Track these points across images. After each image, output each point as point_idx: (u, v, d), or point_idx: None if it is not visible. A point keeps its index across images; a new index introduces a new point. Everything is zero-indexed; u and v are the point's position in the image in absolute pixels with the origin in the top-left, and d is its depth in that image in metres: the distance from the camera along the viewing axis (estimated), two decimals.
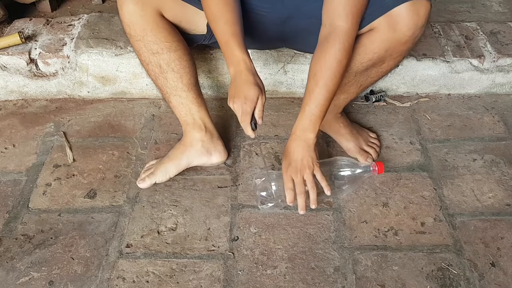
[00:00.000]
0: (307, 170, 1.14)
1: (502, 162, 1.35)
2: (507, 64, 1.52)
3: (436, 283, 1.07)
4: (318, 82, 1.09)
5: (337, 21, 1.05)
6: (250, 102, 1.05)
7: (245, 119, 1.06)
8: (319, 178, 1.15)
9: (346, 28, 1.05)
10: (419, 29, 1.07)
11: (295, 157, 1.15)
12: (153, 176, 1.27)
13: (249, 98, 1.04)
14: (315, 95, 1.10)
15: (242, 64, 1.06)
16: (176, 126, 1.45)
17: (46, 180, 1.31)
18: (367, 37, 1.11)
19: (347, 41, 1.06)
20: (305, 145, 1.15)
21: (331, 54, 1.06)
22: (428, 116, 1.51)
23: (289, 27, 1.23)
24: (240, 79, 1.06)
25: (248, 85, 1.05)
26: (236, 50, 1.06)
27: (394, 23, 1.06)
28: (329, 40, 1.06)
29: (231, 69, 1.08)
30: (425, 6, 1.05)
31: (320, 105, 1.11)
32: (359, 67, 1.16)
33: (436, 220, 1.20)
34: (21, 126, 1.48)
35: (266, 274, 1.10)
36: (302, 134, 1.15)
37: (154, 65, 1.20)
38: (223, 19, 1.07)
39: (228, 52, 1.07)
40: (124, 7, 1.13)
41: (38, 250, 1.15)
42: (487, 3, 1.80)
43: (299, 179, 1.14)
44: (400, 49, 1.12)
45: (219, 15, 1.08)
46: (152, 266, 1.11)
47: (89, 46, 1.50)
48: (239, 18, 1.10)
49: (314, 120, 1.13)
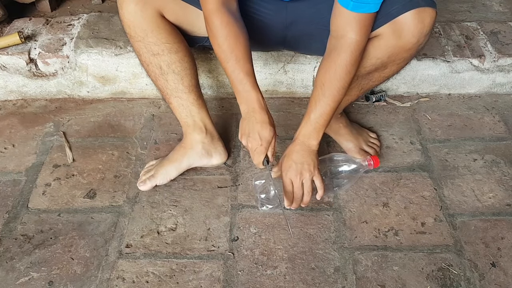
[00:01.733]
0: (307, 175, 1.14)
1: (503, 162, 1.35)
2: (508, 64, 1.52)
3: (437, 283, 1.07)
4: (325, 92, 1.10)
5: (348, 33, 1.04)
6: (266, 143, 1.11)
7: (259, 158, 1.13)
8: (318, 184, 1.16)
9: (358, 40, 1.05)
10: (423, 37, 1.07)
11: (296, 161, 1.15)
12: (154, 179, 1.27)
13: (265, 139, 1.10)
14: (321, 104, 1.11)
15: (257, 103, 1.10)
16: (176, 126, 1.45)
17: (46, 180, 1.31)
18: (371, 43, 1.11)
19: (357, 52, 1.06)
20: (307, 150, 1.15)
21: (341, 66, 1.06)
22: (429, 116, 1.51)
23: (292, 32, 1.23)
24: (255, 118, 1.10)
25: (263, 126, 1.10)
26: (251, 89, 1.09)
27: (399, 30, 1.06)
28: (340, 52, 1.06)
29: (244, 107, 1.11)
30: (431, 15, 1.05)
31: (325, 114, 1.12)
32: (362, 71, 1.16)
33: (436, 220, 1.20)
34: (21, 126, 1.48)
35: (266, 274, 1.10)
36: (305, 140, 1.15)
37: (154, 66, 1.19)
38: (234, 57, 1.07)
39: (241, 91, 1.10)
40: (124, 7, 1.12)
41: (38, 250, 1.14)
42: (488, 3, 1.80)
43: (298, 183, 1.15)
44: (403, 55, 1.12)
45: (229, 51, 1.07)
46: (152, 266, 1.11)
47: (89, 46, 1.50)
48: (250, 54, 1.10)
49: (318, 128, 1.14)
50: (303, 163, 1.14)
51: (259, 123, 1.10)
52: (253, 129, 1.11)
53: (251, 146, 1.13)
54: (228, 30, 1.06)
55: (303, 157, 1.15)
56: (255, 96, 1.10)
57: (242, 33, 1.09)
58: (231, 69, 1.09)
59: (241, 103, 1.12)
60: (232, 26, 1.07)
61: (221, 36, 1.07)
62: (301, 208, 1.22)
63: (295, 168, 1.15)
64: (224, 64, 1.10)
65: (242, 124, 1.13)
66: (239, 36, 1.08)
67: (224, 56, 1.08)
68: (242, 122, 1.14)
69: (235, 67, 1.08)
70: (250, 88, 1.09)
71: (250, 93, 1.09)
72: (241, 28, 1.09)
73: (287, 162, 1.16)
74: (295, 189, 1.15)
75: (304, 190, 1.15)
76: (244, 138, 1.13)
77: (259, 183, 1.21)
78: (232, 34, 1.07)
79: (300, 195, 1.15)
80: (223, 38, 1.07)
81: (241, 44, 1.08)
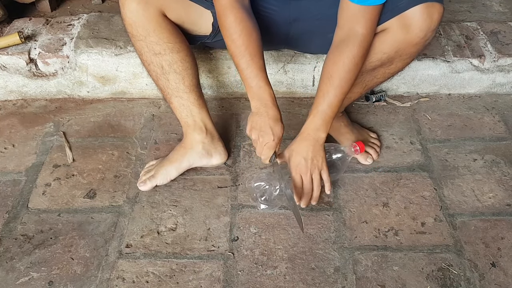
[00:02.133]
0: (316, 170, 1.16)
1: (503, 162, 1.35)
2: (508, 64, 1.52)
3: (437, 283, 1.07)
4: (334, 83, 1.10)
5: (356, 27, 1.05)
6: (278, 139, 1.13)
7: (270, 153, 1.14)
8: (325, 178, 1.17)
9: (365, 33, 1.06)
10: (430, 32, 1.07)
11: (305, 157, 1.16)
12: (154, 179, 1.27)
13: (277, 135, 1.13)
14: (329, 96, 1.12)
15: (270, 99, 1.11)
16: (176, 126, 1.45)
17: (46, 180, 1.31)
18: (378, 37, 1.11)
19: (365, 45, 1.07)
20: (316, 144, 1.16)
21: (349, 58, 1.07)
22: (429, 116, 1.51)
23: (295, 29, 1.23)
24: (267, 114, 1.11)
25: (276, 122, 1.12)
26: (264, 85, 1.10)
27: (407, 25, 1.06)
28: (348, 44, 1.07)
29: (256, 102, 1.12)
30: (439, 10, 1.05)
31: (333, 106, 1.13)
32: (367, 66, 1.16)
33: (436, 220, 1.20)
34: (21, 126, 1.48)
35: (266, 274, 1.10)
36: (314, 133, 1.16)
37: (156, 66, 1.19)
38: (248, 53, 1.08)
39: (254, 86, 1.10)
40: (126, 6, 1.12)
41: (38, 250, 1.14)
42: (488, 3, 1.80)
43: (308, 178, 1.16)
44: (410, 50, 1.12)
45: (243, 48, 1.08)
46: (152, 266, 1.11)
47: (89, 46, 1.50)
48: (262, 50, 1.11)
49: (327, 120, 1.14)
50: (313, 158, 1.15)
51: (272, 119, 1.11)
52: (265, 124, 1.12)
53: (262, 141, 1.13)
54: (243, 26, 1.07)
55: (312, 152, 1.16)
56: (269, 92, 1.11)
57: (255, 30, 1.09)
58: (245, 66, 1.09)
59: (253, 98, 1.12)
60: (246, 22, 1.07)
61: (235, 33, 1.07)
62: (301, 208, 1.21)
63: (304, 164, 1.15)
64: (237, 60, 1.10)
65: (253, 118, 1.13)
66: (252, 32, 1.08)
67: (238, 52, 1.08)
68: (252, 117, 1.14)
69: (249, 64, 1.08)
70: (264, 84, 1.10)
71: (264, 89, 1.10)
72: (254, 24, 1.09)
73: (296, 158, 1.17)
74: (305, 184, 1.16)
75: (314, 186, 1.16)
76: (254, 132, 1.14)
77: (258, 185, 1.21)
78: (246, 31, 1.07)
79: (310, 191, 1.16)
80: (237, 35, 1.07)
81: (254, 40, 1.08)
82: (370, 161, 1.33)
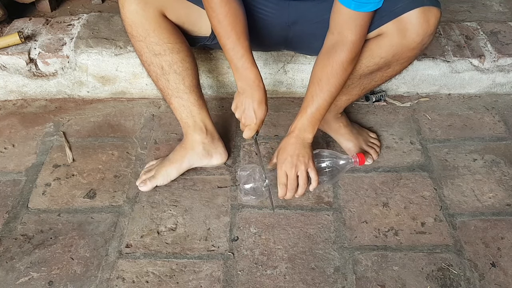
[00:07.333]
0: (302, 166, 1.16)
1: (503, 162, 1.35)
2: (508, 64, 1.52)
3: (437, 283, 1.07)
4: (323, 88, 1.12)
5: (346, 32, 1.05)
6: (260, 121, 1.16)
7: (251, 134, 1.17)
8: (312, 176, 1.18)
9: (355, 40, 1.06)
10: (428, 37, 1.07)
11: (291, 154, 1.17)
12: (154, 180, 1.27)
13: (259, 118, 1.15)
14: (318, 99, 1.13)
15: (255, 80, 1.12)
16: (176, 126, 1.45)
17: (46, 180, 1.31)
18: (375, 42, 1.11)
19: (355, 51, 1.08)
20: (302, 143, 1.18)
21: (338, 63, 1.08)
22: (428, 116, 1.51)
23: (293, 32, 1.23)
24: (252, 95, 1.13)
25: (260, 105, 1.14)
26: (250, 66, 1.11)
27: (404, 29, 1.06)
28: (337, 49, 1.07)
29: (242, 83, 1.13)
30: (436, 14, 1.05)
31: (321, 109, 1.15)
32: (365, 70, 1.16)
33: (436, 220, 1.20)
34: (21, 126, 1.48)
35: (266, 274, 1.10)
36: (301, 133, 1.17)
37: (155, 66, 1.19)
38: (235, 34, 1.08)
39: (240, 67, 1.11)
40: (126, 7, 1.11)
41: (38, 250, 1.14)
42: (488, 3, 1.80)
43: (293, 175, 1.16)
44: (407, 55, 1.12)
45: (229, 28, 1.08)
46: (152, 266, 1.11)
47: (89, 46, 1.50)
48: (247, 32, 1.11)
49: (313, 122, 1.16)
50: (298, 155, 1.16)
51: (256, 101, 1.13)
52: (249, 106, 1.14)
53: (244, 122, 1.17)
54: (229, 8, 1.07)
55: (298, 150, 1.17)
56: (254, 72, 1.11)
57: (241, 11, 1.10)
58: (231, 46, 1.09)
59: (239, 79, 1.13)
60: (232, 3, 1.07)
61: (221, 13, 1.07)
62: (301, 208, 1.22)
63: (290, 161, 1.16)
64: (223, 40, 1.10)
65: (239, 98, 1.16)
66: (238, 13, 1.08)
67: (225, 32, 1.09)
68: (238, 96, 1.16)
69: (235, 44, 1.09)
70: (250, 65, 1.11)
71: (249, 70, 1.11)
72: (240, 5, 1.10)
73: (282, 155, 1.18)
74: (289, 180, 1.17)
75: (300, 182, 1.17)
76: (238, 112, 1.17)
77: (243, 173, 1.22)
78: (232, 12, 1.07)
79: (294, 187, 1.17)
80: (223, 15, 1.07)
81: (240, 21, 1.09)
82: (370, 161, 1.34)
